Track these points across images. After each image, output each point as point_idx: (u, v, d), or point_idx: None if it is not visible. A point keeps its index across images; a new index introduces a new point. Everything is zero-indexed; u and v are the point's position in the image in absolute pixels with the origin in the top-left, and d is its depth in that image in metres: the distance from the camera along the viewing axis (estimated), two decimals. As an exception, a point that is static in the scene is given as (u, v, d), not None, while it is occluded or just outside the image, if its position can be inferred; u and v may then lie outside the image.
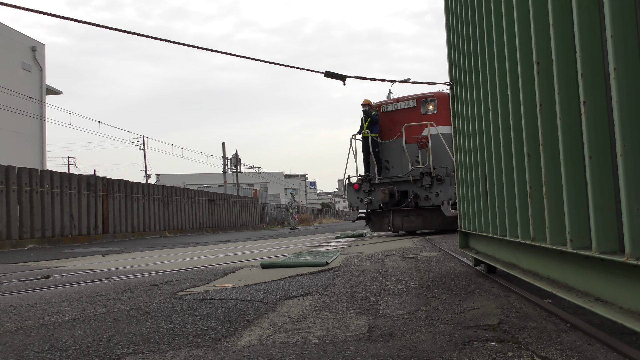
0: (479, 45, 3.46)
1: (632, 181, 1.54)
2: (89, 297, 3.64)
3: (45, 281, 4.93)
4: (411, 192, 11.55)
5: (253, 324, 2.58)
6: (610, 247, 1.75)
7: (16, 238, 13.80)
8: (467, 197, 4.27)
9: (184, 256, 8.05)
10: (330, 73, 3.79)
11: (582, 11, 1.83)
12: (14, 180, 13.94)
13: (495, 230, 3.30)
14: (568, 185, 2.02)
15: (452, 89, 4.60)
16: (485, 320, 2.42)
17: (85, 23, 3.01)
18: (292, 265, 5.36)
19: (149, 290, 3.92)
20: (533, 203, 2.43)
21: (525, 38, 2.44)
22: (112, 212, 18.57)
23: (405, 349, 1.99)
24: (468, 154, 4.12)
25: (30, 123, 24.86)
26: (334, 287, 3.75)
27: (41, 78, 26.73)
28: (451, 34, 4.58)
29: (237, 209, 33.10)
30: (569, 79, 2.02)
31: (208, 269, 5.41)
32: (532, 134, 2.44)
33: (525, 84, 2.48)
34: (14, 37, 25.08)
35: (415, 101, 12.24)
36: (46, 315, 2.98)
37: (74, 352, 2.13)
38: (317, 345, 2.10)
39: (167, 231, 22.64)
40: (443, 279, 3.91)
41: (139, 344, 2.22)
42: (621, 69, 1.56)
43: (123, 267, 6.35)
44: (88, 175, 17.85)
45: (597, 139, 1.78)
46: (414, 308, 2.82)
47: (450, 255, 5.71)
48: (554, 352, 1.85)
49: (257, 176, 53.76)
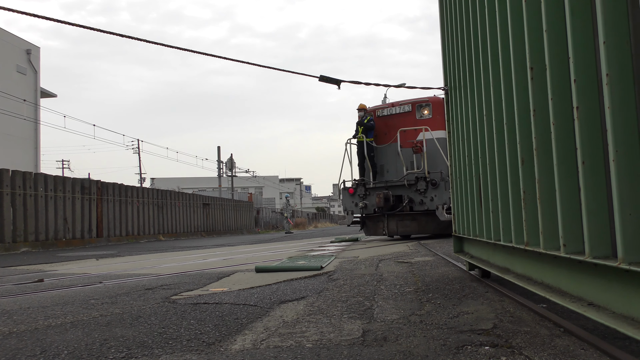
0: (474, 51, 3.48)
1: (624, 186, 1.55)
2: (82, 301, 3.62)
3: (38, 285, 4.90)
4: (406, 197, 11.57)
5: (247, 328, 2.57)
6: (603, 252, 1.76)
7: (9, 241, 13.72)
8: (462, 202, 4.28)
9: (178, 260, 8.02)
10: (325, 77, 3.80)
11: (575, 18, 1.84)
12: (7, 184, 13.86)
13: (489, 235, 3.31)
14: (561, 190, 2.03)
15: (446, 94, 4.62)
16: (479, 324, 2.42)
17: (81, 27, 3.00)
18: (286, 270, 5.35)
19: (143, 294, 3.90)
20: (527, 208, 2.44)
21: (519, 44, 2.45)
22: (107, 216, 18.49)
23: (399, 354, 1.99)
24: (462, 158, 4.14)
25: (24, 126, 24.74)
26: (328, 291, 3.75)
27: (36, 81, 26.64)
28: (446, 40, 4.61)
29: (232, 212, 33.04)
30: (562, 85, 2.03)
31: (202, 273, 5.39)
32: (525, 139, 2.45)
33: (519, 89, 2.49)
34: (8, 39, 24.99)
35: (410, 106, 12.28)
36: (39, 319, 2.96)
37: (67, 356, 2.12)
38: (311, 350, 2.10)
39: (162, 235, 22.57)
40: (437, 283, 3.91)
41: (132, 348, 2.21)
42: (614, 75, 1.57)
43: (117, 271, 6.32)
44: (82, 179, 17.77)
45: (590, 144, 1.79)
46: (408, 312, 2.82)
47: (444, 260, 5.72)
48: (547, 356, 1.85)
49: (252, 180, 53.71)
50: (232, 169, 40.53)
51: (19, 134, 24.72)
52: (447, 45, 4.55)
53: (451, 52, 4.38)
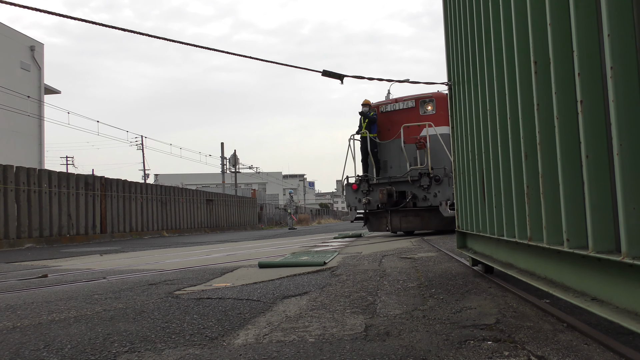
0: (477, 45, 3.46)
1: (628, 180, 1.54)
2: (86, 296, 3.63)
3: (42, 280, 4.92)
4: (409, 193, 11.55)
5: (250, 322, 2.57)
6: (607, 246, 1.75)
7: (14, 237, 13.78)
8: (465, 197, 4.27)
9: (181, 256, 8.04)
10: (328, 72, 3.79)
11: (579, 10, 1.83)
12: (12, 180, 13.91)
13: (492, 230, 3.30)
14: (565, 184, 2.02)
15: (450, 89, 4.60)
16: (482, 319, 2.42)
17: (85, 22, 3.00)
18: (289, 265, 5.36)
19: (146, 289, 3.91)
20: (530, 203, 2.43)
21: (523, 38, 2.44)
22: (110, 212, 18.54)
23: (402, 348, 1.99)
24: (466, 153, 4.12)
25: (28, 122, 24.82)
26: (331, 286, 3.75)
27: (40, 77, 26.71)
28: (449, 34, 4.58)
29: (236, 209, 33.08)
30: (566, 79, 2.02)
31: (205, 269, 5.40)
32: (529, 133, 2.43)
33: (522, 84, 2.48)
34: (12, 36, 25.05)
35: (413, 102, 12.25)
36: (42, 314, 2.97)
37: (70, 350, 2.13)
38: (314, 344, 2.10)
39: (165, 231, 22.62)
40: (440, 278, 3.91)
41: (135, 343, 2.22)
42: (618, 68, 1.56)
43: (120, 266, 6.34)
44: (86, 175, 17.83)
45: (594, 139, 1.78)
46: (411, 307, 2.82)
47: (447, 256, 5.71)
48: (550, 351, 1.85)
49: (256, 176, 53.75)
50: (235, 165, 40.56)
51: (23, 131, 24.81)
52: (451, 40, 4.53)
53: (455, 47, 4.36)
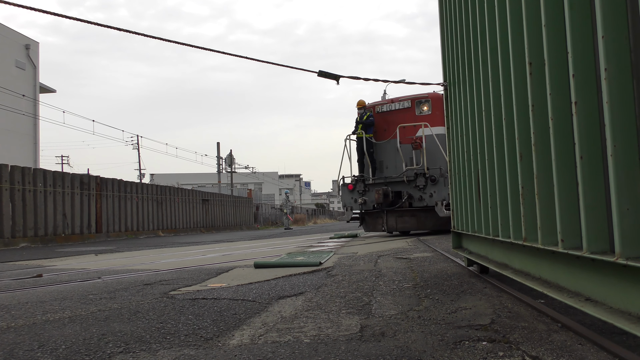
0: (473, 46, 3.47)
1: (622, 181, 1.54)
2: (81, 296, 3.62)
3: (37, 280, 4.90)
4: (405, 193, 11.57)
5: (245, 323, 2.57)
6: (601, 247, 1.76)
7: (8, 237, 13.72)
8: (461, 198, 4.28)
9: (177, 256, 8.02)
10: (324, 72, 3.79)
11: (573, 12, 1.83)
12: (6, 179, 13.85)
13: (487, 231, 3.31)
14: (559, 185, 2.03)
15: (445, 89, 4.61)
16: (477, 320, 2.42)
17: (81, 21, 2.99)
18: (285, 265, 5.35)
19: (141, 289, 3.90)
20: (525, 203, 2.44)
21: (518, 39, 2.45)
22: (106, 212, 18.49)
23: (397, 349, 1.99)
24: (461, 154, 4.13)
25: (23, 121, 24.72)
26: (326, 287, 3.75)
27: (35, 76, 26.59)
28: (445, 35, 4.59)
29: (231, 208, 33.04)
30: (560, 80, 2.03)
31: (201, 269, 5.39)
32: (524, 134, 2.44)
33: (517, 85, 2.49)
34: (7, 34, 24.93)
35: (409, 102, 12.26)
36: (37, 314, 2.96)
37: (64, 350, 2.12)
38: (309, 345, 2.10)
39: (161, 231, 22.57)
40: (436, 279, 3.92)
41: (130, 343, 2.21)
42: (612, 70, 1.57)
43: (115, 266, 6.32)
44: (81, 174, 17.76)
45: (588, 140, 1.79)
46: (406, 308, 2.83)
47: (443, 256, 5.72)
48: (544, 351, 1.85)
49: (252, 176, 53.68)
50: (231, 165, 40.50)
51: (18, 130, 24.69)
52: (446, 40, 4.54)
53: (450, 48, 4.37)
